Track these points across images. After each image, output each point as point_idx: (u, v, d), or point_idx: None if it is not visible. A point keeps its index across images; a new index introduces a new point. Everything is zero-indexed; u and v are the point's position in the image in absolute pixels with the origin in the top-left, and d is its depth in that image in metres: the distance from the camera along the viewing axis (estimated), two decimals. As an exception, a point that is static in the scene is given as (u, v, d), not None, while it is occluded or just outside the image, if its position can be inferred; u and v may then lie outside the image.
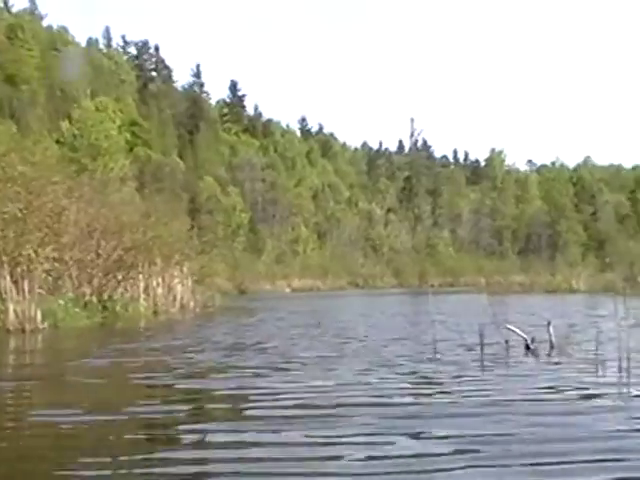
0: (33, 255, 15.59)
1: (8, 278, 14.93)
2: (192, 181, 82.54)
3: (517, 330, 10.52)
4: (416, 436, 5.23)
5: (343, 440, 5.14)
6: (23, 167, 16.34)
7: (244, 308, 28.81)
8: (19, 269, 15.23)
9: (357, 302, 35.28)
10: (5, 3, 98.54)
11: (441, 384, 7.58)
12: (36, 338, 14.25)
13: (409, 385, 7.67)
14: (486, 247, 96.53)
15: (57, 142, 64.34)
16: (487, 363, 9.10)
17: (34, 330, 15.16)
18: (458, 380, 7.80)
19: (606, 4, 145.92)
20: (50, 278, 16.26)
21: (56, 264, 16.73)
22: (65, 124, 69.77)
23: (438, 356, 9.78)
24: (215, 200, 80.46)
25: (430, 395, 6.95)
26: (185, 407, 6.62)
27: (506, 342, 10.47)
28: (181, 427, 5.74)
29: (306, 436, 5.24)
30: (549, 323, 10.32)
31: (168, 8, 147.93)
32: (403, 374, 8.36)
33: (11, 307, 14.84)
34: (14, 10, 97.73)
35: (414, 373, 8.42)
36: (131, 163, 69.89)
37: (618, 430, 5.32)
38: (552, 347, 10.16)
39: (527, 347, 10.13)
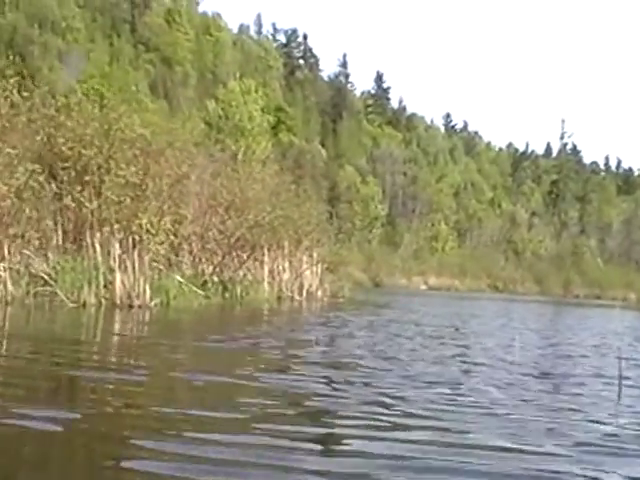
0: (148, 225, 14.15)
1: (117, 247, 13.52)
2: (333, 169, 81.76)
3: None
4: None
5: None
6: (142, 129, 14.99)
7: (375, 303, 26.73)
8: (131, 239, 13.81)
9: (501, 309, 31.86)
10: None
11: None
12: (135, 316, 12.72)
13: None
14: (638, 261, 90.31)
15: (206, 123, 64.94)
16: None
17: (142, 306, 13.74)
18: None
19: None
20: (163, 251, 14.78)
21: (172, 237, 15.25)
22: (211, 104, 70.43)
23: (622, 420, 5.69)
24: (354, 190, 79.14)
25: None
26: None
27: None
28: None
29: None
30: None
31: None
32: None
33: (118, 279, 13.44)
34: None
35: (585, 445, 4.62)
36: (274, 147, 69.60)
37: None
38: None
39: None
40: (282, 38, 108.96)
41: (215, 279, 18.36)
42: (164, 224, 14.88)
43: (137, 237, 13.90)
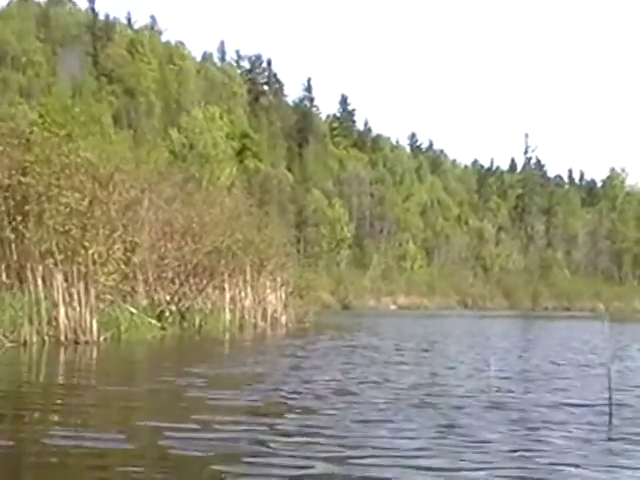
0: (95, 255, 13.42)
1: (61, 279, 12.76)
2: (300, 193, 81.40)
3: None
4: None
5: None
6: (88, 154, 14.28)
7: (340, 327, 25.97)
8: (76, 270, 13.06)
9: (471, 327, 31.22)
10: (128, 20, 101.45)
11: None
12: (78, 354, 11.81)
13: None
14: (604, 271, 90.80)
15: (170, 152, 64.42)
16: None
17: (89, 342, 12.94)
18: None
19: None
20: (112, 282, 14.04)
21: (123, 266, 14.54)
22: (174, 132, 69.83)
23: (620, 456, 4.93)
24: (321, 213, 78.83)
25: None
26: None
27: None
28: None
29: None
30: None
31: (281, 23, 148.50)
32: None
33: (62, 314, 12.68)
34: (136, 26, 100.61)
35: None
36: (239, 173, 69.10)
37: None
38: None
39: None
40: (246, 64, 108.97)
41: (172, 308, 17.61)
42: (113, 253, 14.17)
43: (83, 268, 13.15)
